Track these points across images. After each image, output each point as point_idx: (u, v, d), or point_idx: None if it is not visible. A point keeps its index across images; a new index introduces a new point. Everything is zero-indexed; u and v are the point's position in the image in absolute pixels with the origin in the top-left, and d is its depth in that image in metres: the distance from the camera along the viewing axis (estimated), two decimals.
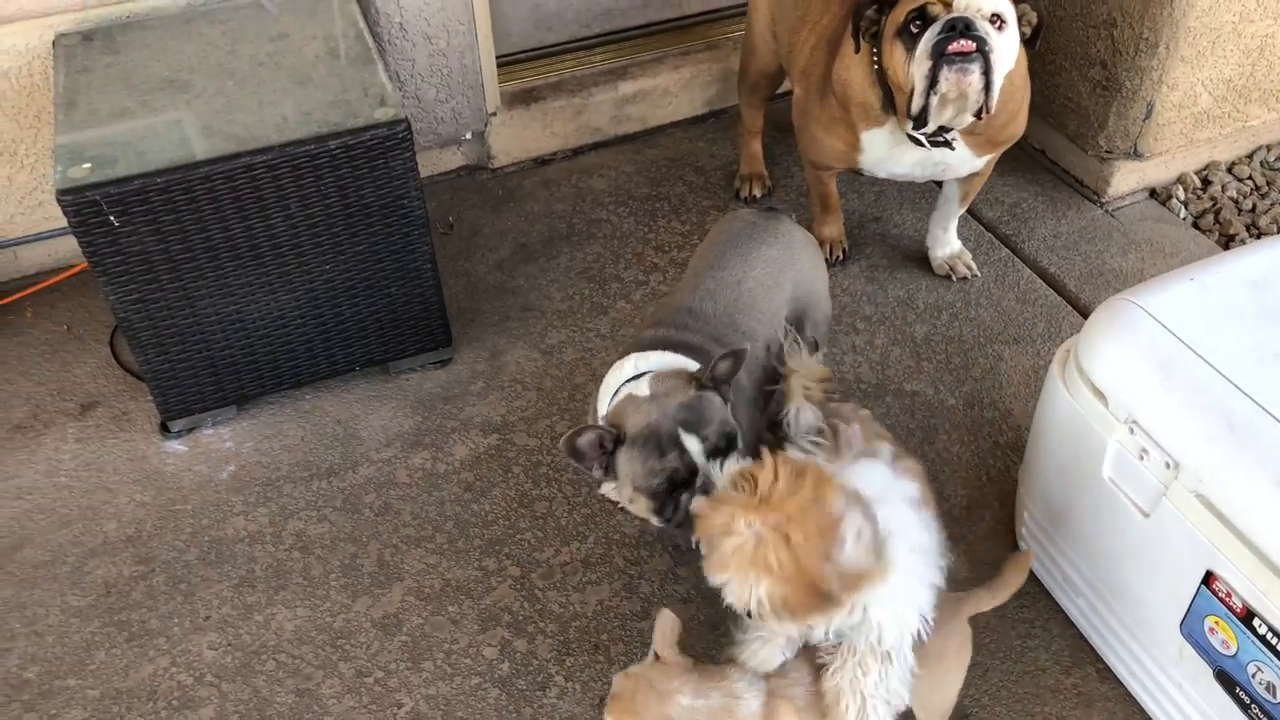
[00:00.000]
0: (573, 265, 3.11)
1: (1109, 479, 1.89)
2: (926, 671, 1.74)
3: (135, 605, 2.28)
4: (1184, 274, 1.92)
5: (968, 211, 3.23)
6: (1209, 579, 1.71)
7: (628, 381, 1.90)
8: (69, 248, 3.07)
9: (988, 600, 1.89)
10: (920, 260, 3.08)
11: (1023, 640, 2.18)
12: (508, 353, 2.84)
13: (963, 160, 2.57)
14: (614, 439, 1.79)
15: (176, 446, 2.61)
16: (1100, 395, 1.87)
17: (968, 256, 3.02)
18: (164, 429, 2.63)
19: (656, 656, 1.73)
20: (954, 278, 3.00)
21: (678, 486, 1.78)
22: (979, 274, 3.02)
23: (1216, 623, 1.74)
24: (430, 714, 2.09)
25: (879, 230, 3.20)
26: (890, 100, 2.42)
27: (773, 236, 2.22)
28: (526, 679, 2.14)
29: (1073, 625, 2.19)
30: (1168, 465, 1.74)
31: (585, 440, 1.77)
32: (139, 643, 2.22)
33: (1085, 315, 2.89)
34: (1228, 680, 1.76)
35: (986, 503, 2.45)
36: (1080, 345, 1.92)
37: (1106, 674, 2.12)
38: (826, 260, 3.02)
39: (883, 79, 2.40)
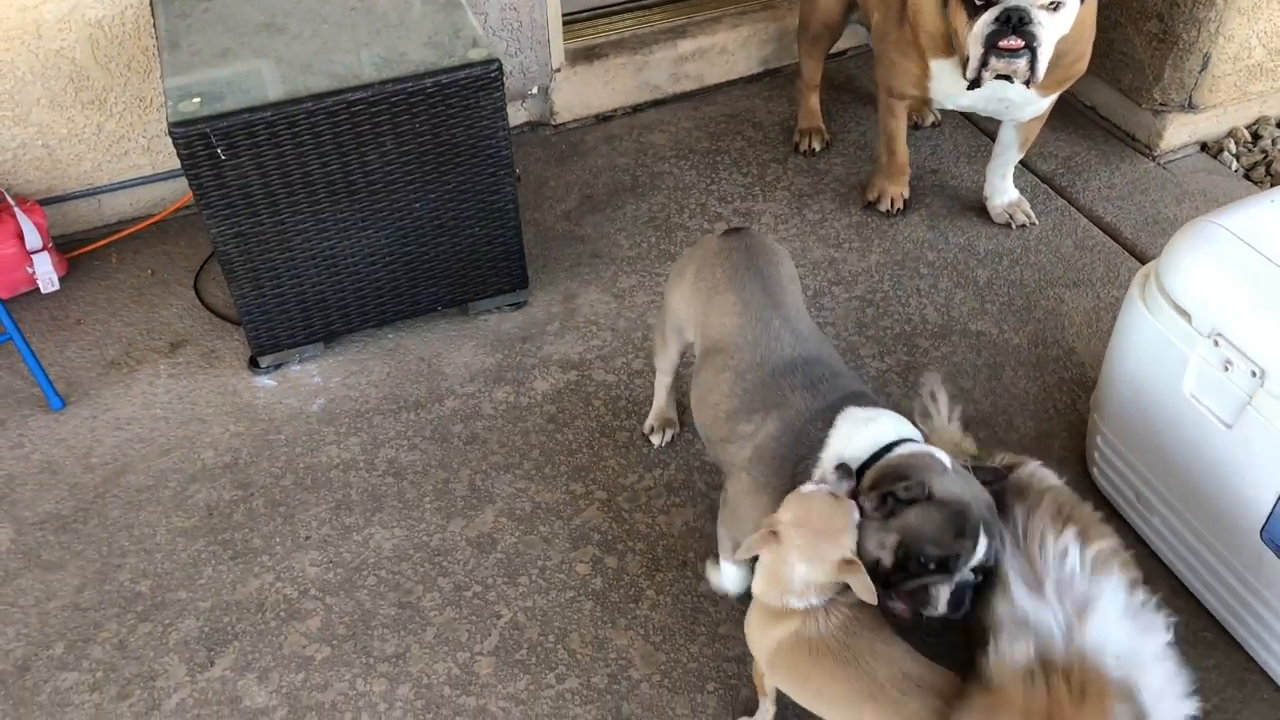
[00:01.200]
0: (638, 214, 3.19)
1: (1190, 395, 1.97)
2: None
3: (237, 526, 2.37)
4: (1263, 197, 1.99)
5: (1022, 164, 3.31)
6: None
7: (897, 444, 1.77)
8: (150, 196, 3.16)
9: None
10: (979, 210, 3.15)
11: None
12: (580, 296, 2.92)
13: (1026, 98, 2.66)
14: (918, 493, 1.66)
15: (266, 381, 2.70)
16: (1183, 313, 1.95)
17: (1026, 204, 3.10)
18: (253, 364, 2.72)
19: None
20: (1013, 225, 3.08)
21: (938, 572, 1.67)
22: (1036, 222, 3.09)
23: None
24: (529, 624, 2.17)
25: (937, 181, 3.27)
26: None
27: (774, 253, 2.14)
28: (619, 592, 2.22)
29: (1145, 543, 2.27)
30: (1254, 374, 1.81)
31: (890, 476, 1.69)
32: (244, 560, 2.31)
33: (1143, 260, 2.96)
34: None
35: (1055, 433, 2.52)
36: (1162, 265, 1.99)
37: (1180, 589, 2.19)
38: (888, 212, 3.12)
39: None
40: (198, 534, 2.36)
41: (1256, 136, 3.36)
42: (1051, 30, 2.40)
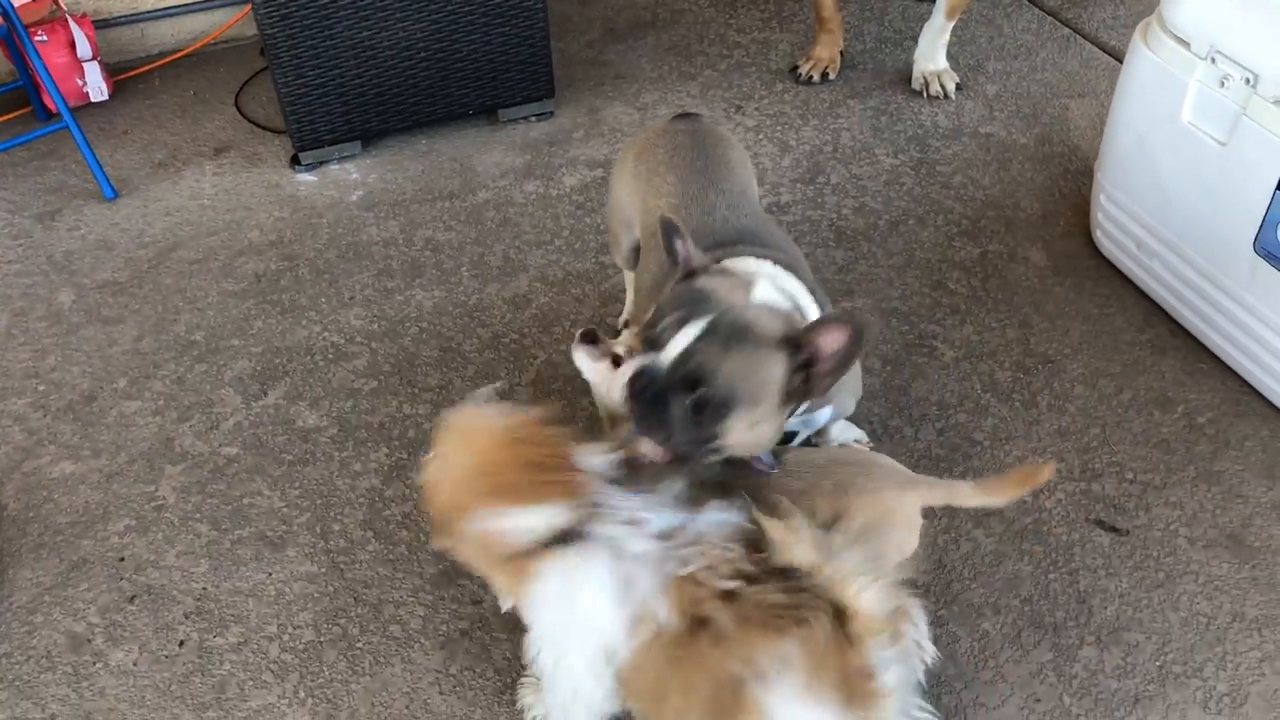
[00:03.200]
0: (659, 44, 3.31)
1: (1188, 123, 2.09)
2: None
3: (284, 289, 2.51)
4: None
5: (1029, 1, 3.42)
6: None
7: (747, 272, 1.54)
8: (189, 27, 3.28)
9: (968, 496, 1.54)
10: (988, 36, 3.27)
11: (1099, 309, 2.39)
12: (605, 109, 3.05)
13: None
14: (695, 269, 1.50)
15: (307, 177, 2.83)
16: (1182, 41, 2.07)
17: (950, 79, 3.07)
18: (294, 163, 2.85)
19: None
20: (926, 94, 3.06)
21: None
22: (954, 97, 3.04)
23: None
24: (564, 364, 2.30)
25: None
26: None
27: (723, 139, 1.98)
28: None
29: (1146, 297, 2.39)
30: (1247, 81, 1.93)
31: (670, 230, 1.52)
32: (291, 315, 2.44)
33: None
34: None
35: (1060, 212, 2.64)
36: (1164, 2, 2.11)
37: (1178, 330, 2.32)
38: (810, 79, 3.14)
39: None
40: (247, 295, 2.49)
41: None
42: None
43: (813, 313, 1.56)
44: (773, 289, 1.51)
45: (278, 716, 1.72)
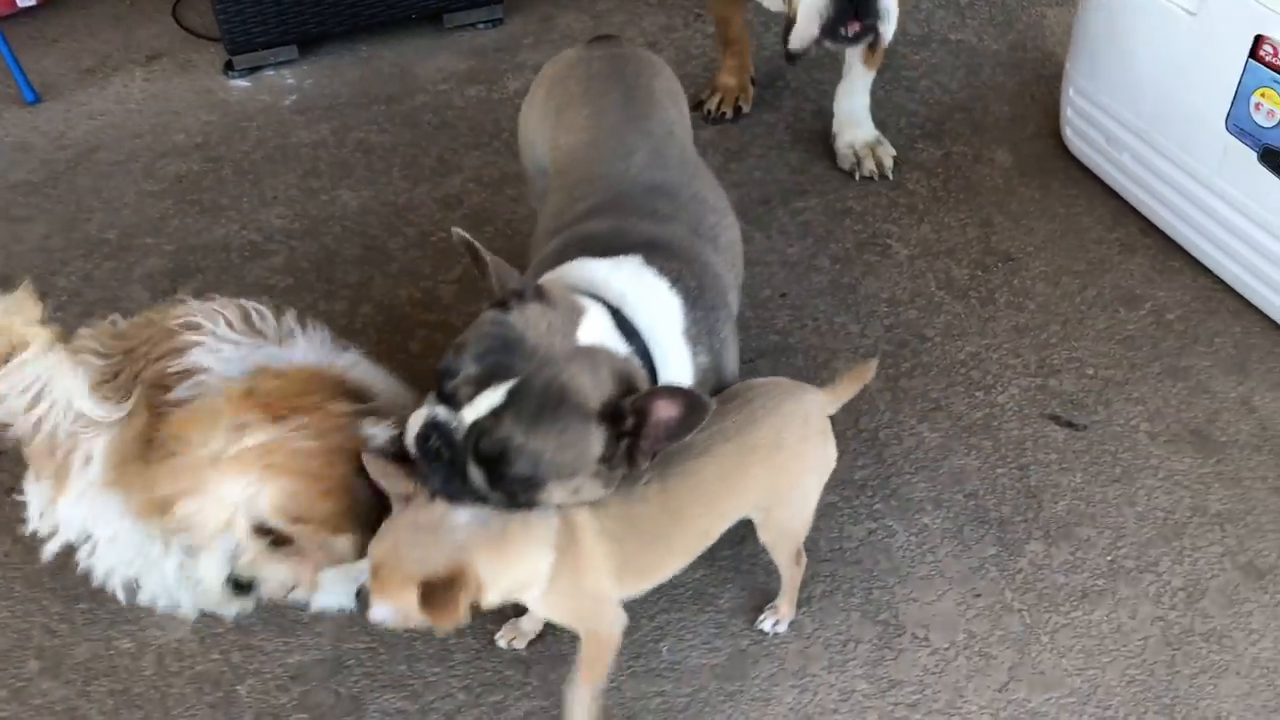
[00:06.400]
0: None
1: None
2: (764, 473, 1.38)
3: (205, 190, 2.38)
4: None
5: None
6: (1256, 46, 1.76)
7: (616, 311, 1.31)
8: None
9: (831, 403, 1.47)
10: None
11: (1067, 209, 2.24)
12: (558, 17, 2.90)
13: None
14: (508, 297, 1.30)
15: (241, 83, 2.69)
16: None
17: (885, 150, 2.35)
18: (228, 68, 2.71)
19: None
20: (857, 175, 2.32)
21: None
22: (890, 175, 2.32)
23: (1263, 95, 1.78)
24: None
25: None
26: None
27: (649, 65, 1.74)
28: None
29: (1116, 197, 2.24)
30: None
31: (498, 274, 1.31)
32: (210, 215, 2.31)
33: None
34: (1274, 156, 1.81)
35: (1031, 115, 2.49)
36: None
37: (1149, 229, 2.17)
38: (711, 115, 2.51)
39: None
40: (166, 196, 2.36)
41: None
42: None
43: (666, 349, 1.33)
44: (606, 326, 1.28)
45: None
